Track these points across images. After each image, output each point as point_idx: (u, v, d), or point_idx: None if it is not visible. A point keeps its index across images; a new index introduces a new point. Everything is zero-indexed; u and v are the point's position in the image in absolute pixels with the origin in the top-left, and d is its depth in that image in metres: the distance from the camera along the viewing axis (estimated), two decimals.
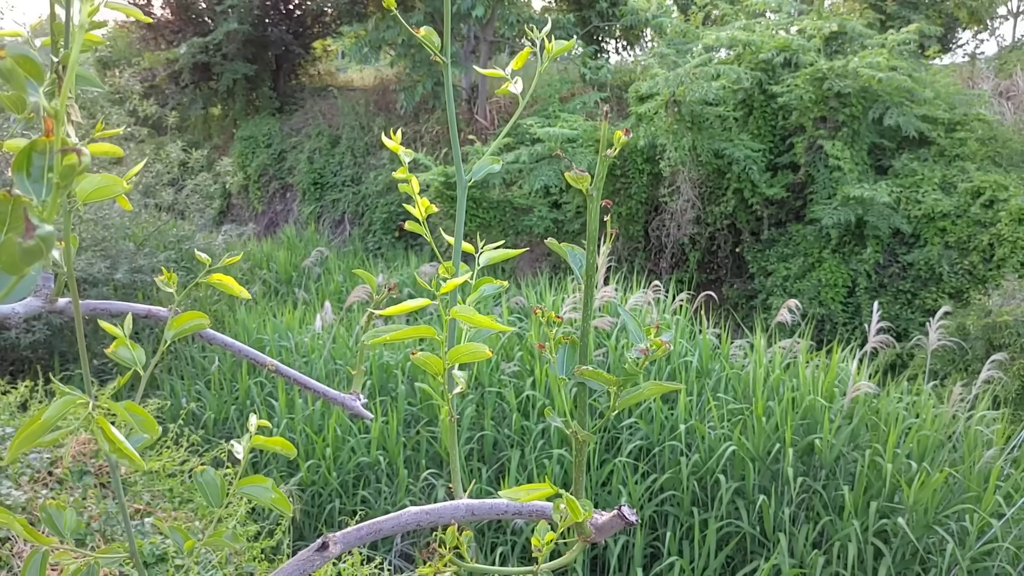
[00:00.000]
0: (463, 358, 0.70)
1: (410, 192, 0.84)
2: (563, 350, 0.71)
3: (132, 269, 7.61)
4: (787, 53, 10.02)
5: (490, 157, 0.86)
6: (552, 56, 0.81)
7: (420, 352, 0.70)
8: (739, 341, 6.07)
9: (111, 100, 9.63)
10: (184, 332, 0.76)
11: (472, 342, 0.78)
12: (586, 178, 0.63)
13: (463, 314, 0.70)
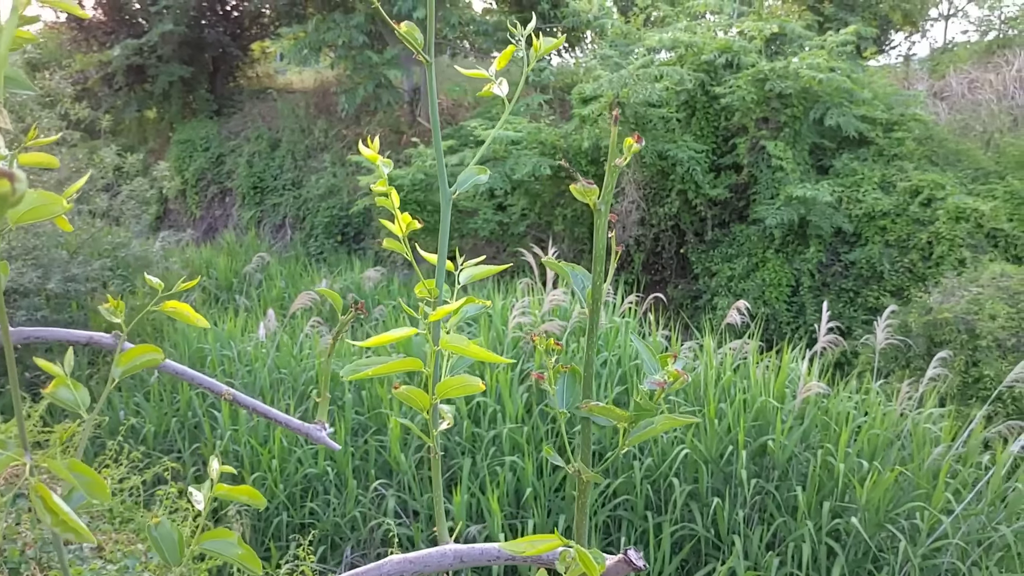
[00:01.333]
0: (453, 392, 0.63)
1: (389, 206, 0.77)
2: (563, 380, 0.64)
3: (66, 278, 7.36)
4: (728, 54, 10.09)
5: (476, 167, 0.79)
6: (542, 53, 0.75)
7: (404, 386, 0.63)
8: (689, 343, 6.07)
9: (41, 104, 9.32)
10: (135, 368, 0.68)
11: (456, 371, 0.71)
12: (594, 191, 0.56)
13: (456, 345, 0.63)
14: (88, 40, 15.52)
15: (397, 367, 0.63)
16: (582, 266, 2.63)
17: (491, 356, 0.64)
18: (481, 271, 0.82)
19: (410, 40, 0.72)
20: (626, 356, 5.66)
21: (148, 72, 14.74)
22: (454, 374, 0.76)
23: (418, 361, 0.64)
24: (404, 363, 0.63)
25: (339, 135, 13.76)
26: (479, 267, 0.82)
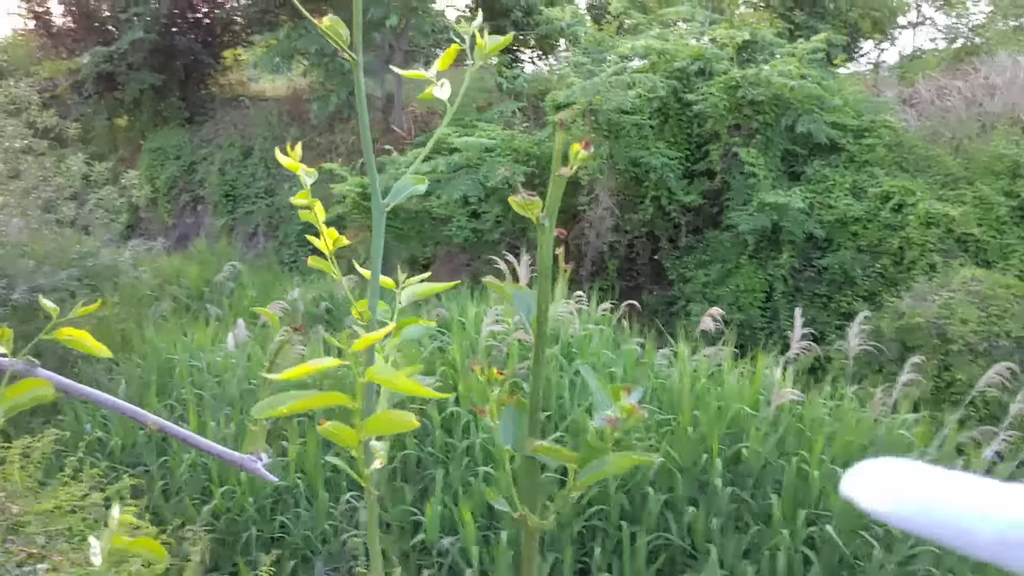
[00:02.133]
0: (383, 429, 0.57)
1: (313, 220, 0.71)
2: (509, 414, 0.58)
3: (31, 289, 7.21)
4: (701, 62, 10.09)
5: (412, 176, 0.74)
6: (487, 54, 0.69)
7: (329, 423, 0.56)
8: (663, 350, 6.03)
9: (6, 111, 9.16)
10: (23, 405, 0.61)
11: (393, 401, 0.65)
12: (536, 203, 0.51)
13: (382, 377, 0.57)
14: (57, 47, 15.33)
15: (318, 402, 0.57)
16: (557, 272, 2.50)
17: (421, 390, 0.58)
18: (425, 288, 0.76)
19: (333, 36, 0.66)
20: (600, 364, 5.61)
21: (118, 80, 14.56)
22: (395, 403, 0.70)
23: (342, 396, 0.58)
24: (326, 397, 0.57)
25: (312, 143, 13.65)
26: (423, 284, 0.76)
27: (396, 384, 0.57)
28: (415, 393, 0.58)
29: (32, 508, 3.11)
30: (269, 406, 0.57)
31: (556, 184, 0.52)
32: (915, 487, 0.35)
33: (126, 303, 9.23)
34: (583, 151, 0.51)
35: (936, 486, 0.34)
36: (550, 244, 0.53)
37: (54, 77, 15.07)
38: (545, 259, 0.52)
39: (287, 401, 0.57)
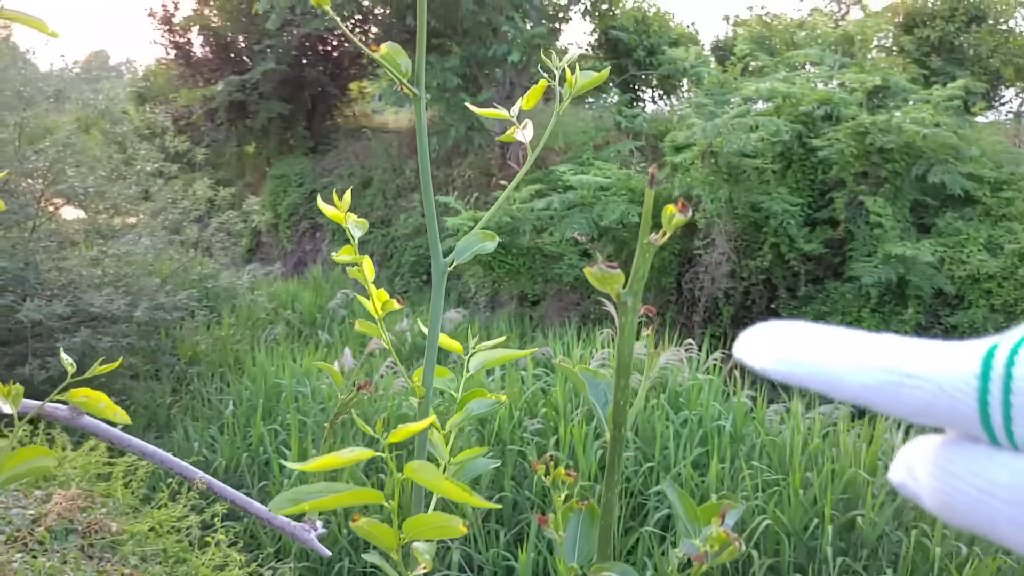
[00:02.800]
0: (426, 533, 0.48)
1: (361, 279, 0.63)
2: (575, 522, 0.48)
3: (153, 306, 7.46)
4: (828, 106, 9.79)
5: (482, 233, 0.65)
6: (576, 92, 0.60)
7: (364, 519, 0.48)
8: (775, 406, 5.78)
9: (141, 135, 9.59)
10: (20, 475, 0.54)
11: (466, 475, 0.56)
12: (617, 277, 0.41)
13: (422, 478, 0.48)
14: (195, 76, 16.04)
15: (349, 499, 0.49)
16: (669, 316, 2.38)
17: (468, 497, 0.49)
18: (499, 356, 0.67)
19: (390, 66, 0.59)
20: (707, 416, 5.40)
21: (249, 108, 15.11)
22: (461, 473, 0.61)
23: (376, 493, 0.49)
24: (358, 495, 0.48)
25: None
26: (495, 351, 0.67)
27: (438, 487, 0.48)
28: (461, 500, 0.49)
29: (128, 528, 3.14)
30: (291, 501, 0.49)
31: (643, 254, 0.42)
32: (796, 342, 0.35)
33: (242, 325, 9.48)
34: (679, 215, 0.42)
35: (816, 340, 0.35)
36: (633, 329, 0.43)
37: (190, 104, 15.75)
38: (626, 347, 0.42)
39: (313, 496, 0.49)
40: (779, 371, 0.35)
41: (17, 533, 2.80)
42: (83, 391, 0.60)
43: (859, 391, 0.34)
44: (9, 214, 7.21)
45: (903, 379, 0.33)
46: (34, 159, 7.38)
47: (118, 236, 8.05)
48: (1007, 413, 0.31)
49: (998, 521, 0.32)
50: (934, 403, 0.33)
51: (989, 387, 0.32)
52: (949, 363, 0.33)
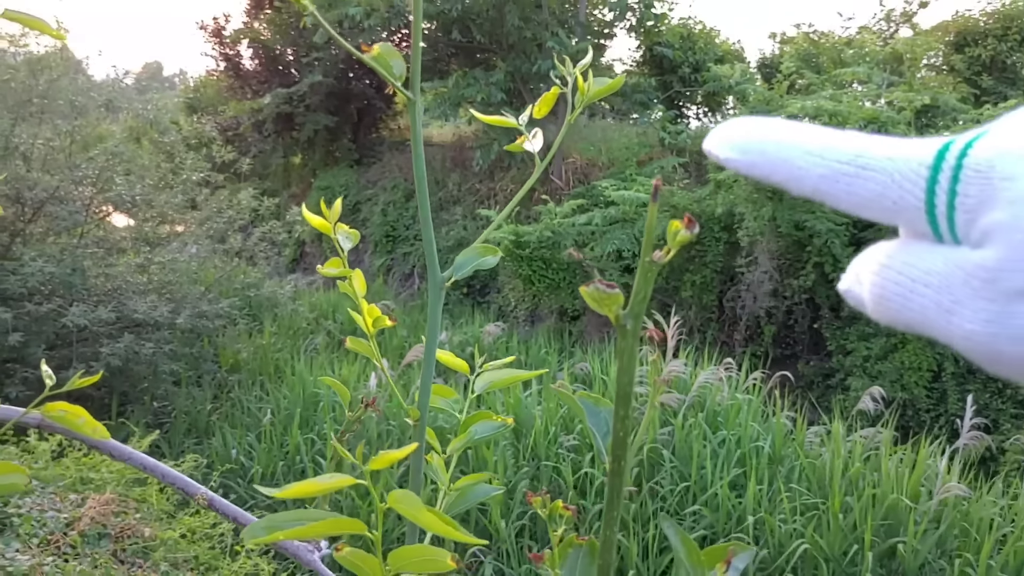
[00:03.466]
0: (410, 567, 0.45)
1: (350, 293, 0.61)
2: (574, 560, 0.46)
3: (196, 314, 7.54)
4: (875, 125, 9.64)
5: (482, 247, 0.63)
6: (589, 99, 0.58)
7: (348, 549, 0.45)
8: (815, 428, 5.68)
9: (189, 145, 9.72)
10: None
11: (462, 503, 0.53)
12: (615, 298, 0.38)
13: (403, 507, 0.45)
14: (243, 88, 16.25)
15: (329, 528, 0.46)
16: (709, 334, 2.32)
17: (444, 528, 0.46)
18: (506, 377, 0.64)
19: (382, 68, 0.56)
20: (746, 437, 5.32)
21: (296, 120, 15.28)
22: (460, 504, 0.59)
23: (357, 523, 0.46)
24: (336, 524, 0.46)
25: (472, 189, 13.88)
26: (503, 371, 0.64)
27: (421, 519, 0.45)
28: (443, 534, 0.46)
29: (160, 534, 3.16)
30: (265, 530, 0.47)
31: (644, 273, 0.39)
32: (759, 133, 0.35)
33: (283, 334, 9.55)
34: (684, 232, 0.39)
35: (779, 132, 0.35)
36: (633, 355, 0.40)
37: (238, 116, 15.95)
38: (627, 373, 0.39)
39: (289, 524, 0.46)
40: (742, 160, 0.35)
41: (51, 536, 2.82)
42: (60, 404, 0.58)
43: (816, 182, 0.34)
44: (58, 220, 7.34)
45: (858, 170, 0.33)
46: (84, 167, 7.50)
47: (164, 244, 8.15)
48: (951, 202, 0.32)
49: (928, 308, 0.33)
50: (884, 193, 0.33)
51: (939, 177, 0.32)
52: (903, 154, 0.33)
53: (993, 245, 0.31)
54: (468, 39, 12.74)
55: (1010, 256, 0.30)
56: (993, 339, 0.31)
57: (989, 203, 0.31)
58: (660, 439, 5.31)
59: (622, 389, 0.40)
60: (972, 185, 0.31)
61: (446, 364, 0.67)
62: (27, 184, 6.96)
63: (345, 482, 0.47)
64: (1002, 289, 0.30)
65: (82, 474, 3.71)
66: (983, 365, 0.32)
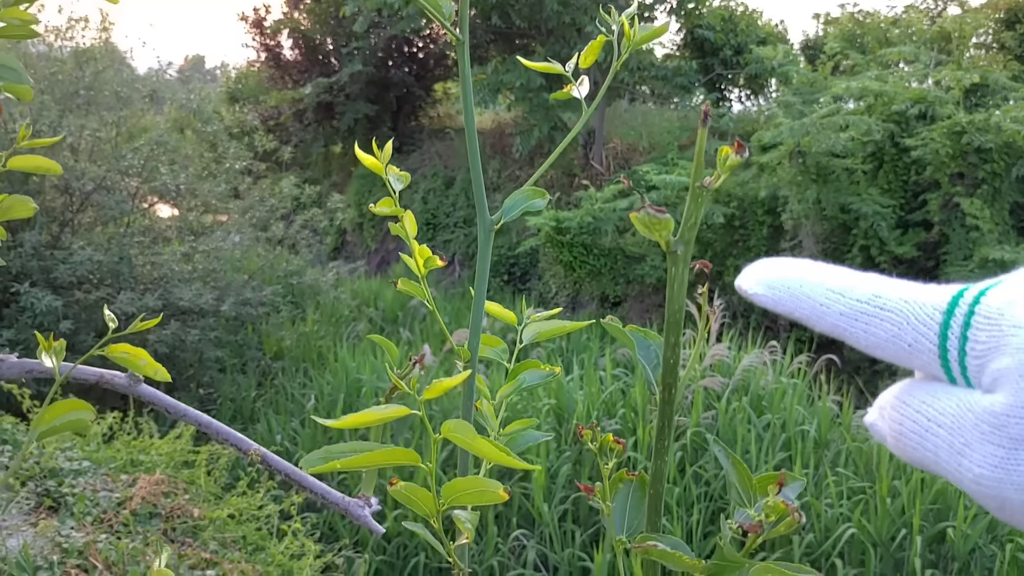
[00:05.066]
0: (463, 499, 0.46)
1: (402, 235, 0.61)
2: (624, 493, 0.46)
3: (239, 301, 7.63)
4: (922, 105, 9.47)
5: (530, 190, 0.63)
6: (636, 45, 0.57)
7: (402, 483, 0.46)
8: (862, 411, 5.60)
9: (231, 135, 9.82)
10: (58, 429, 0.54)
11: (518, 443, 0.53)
12: (666, 223, 0.38)
13: (458, 436, 0.45)
14: (284, 78, 16.38)
15: (381, 459, 0.47)
16: (753, 319, 2.31)
17: (506, 458, 0.46)
18: (553, 328, 0.64)
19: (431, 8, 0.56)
20: (791, 421, 5.27)
21: (336, 109, 15.36)
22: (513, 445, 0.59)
23: (411, 453, 0.47)
24: (390, 454, 0.46)
25: (512, 175, 13.87)
26: (550, 322, 0.64)
27: (476, 447, 0.46)
28: (499, 461, 0.47)
29: (209, 514, 3.21)
30: (322, 459, 0.47)
31: (695, 199, 0.39)
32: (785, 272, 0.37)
33: (325, 321, 9.64)
34: (734, 156, 0.38)
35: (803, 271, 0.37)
36: (683, 281, 0.40)
37: (279, 105, 16.09)
38: (676, 300, 0.39)
39: (344, 454, 0.47)
40: (768, 296, 0.37)
41: (103, 515, 2.88)
42: (123, 347, 0.59)
43: (837, 319, 0.35)
44: (105, 210, 7.46)
45: (876, 309, 0.35)
46: (130, 157, 7.62)
47: (208, 233, 8.26)
48: (963, 347, 0.33)
49: (940, 449, 0.33)
50: (899, 335, 0.34)
51: (951, 322, 0.33)
52: (920, 298, 0.35)
53: (1002, 391, 0.32)
54: (507, 25, 12.71)
55: (1017, 403, 0.31)
56: (999, 484, 0.32)
57: (998, 350, 0.32)
58: (704, 423, 5.28)
59: (672, 316, 0.40)
60: (982, 331, 0.32)
61: (494, 315, 0.67)
62: (75, 175, 7.08)
63: (400, 411, 0.48)
64: (1010, 435, 0.31)
65: (132, 456, 3.78)
66: (992, 511, 0.34)
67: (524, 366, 0.59)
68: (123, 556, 2.55)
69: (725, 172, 0.39)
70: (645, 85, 14.41)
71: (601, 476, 0.48)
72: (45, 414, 0.53)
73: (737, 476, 0.43)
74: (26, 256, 6.57)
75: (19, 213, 0.66)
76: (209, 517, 3.18)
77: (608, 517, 0.46)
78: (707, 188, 0.39)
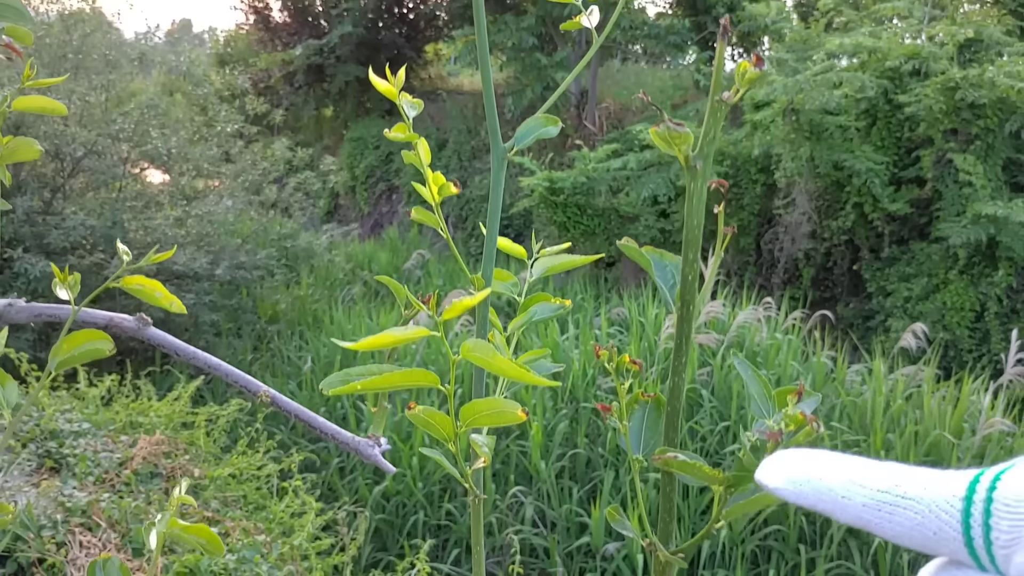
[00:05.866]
0: (482, 420, 0.46)
1: (415, 162, 0.61)
2: (640, 414, 0.46)
3: (234, 266, 7.62)
4: (916, 61, 9.42)
5: (544, 117, 0.62)
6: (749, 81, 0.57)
7: (420, 407, 0.46)
8: (856, 366, 5.64)
9: (221, 98, 9.74)
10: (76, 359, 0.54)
11: (513, 389, 0.54)
12: (685, 137, 0.38)
13: (477, 355, 0.46)
14: (273, 40, 16.22)
15: (401, 380, 0.47)
16: (747, 277, 2.32)
17: (525, 375, 0.47)
18: (563, 261, 0.64)
19: None
20: (786, 376, 5.31)
21: (326, 71, 15.23)
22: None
23: (430, 375, 0.47)
24: (409, 375, 0.47)
25: (505, 136, 13.73)
26: (560, 256, 0.64)
27: (495, 365, 0.46)
28: (518, 378, 0.47)
29: (210, 473, 3.23)
30: (341, 381, 0.48)
31: (714, 113, 0.39)
32: (806, 465, 0.37)
33: (320, 285, 9.64)
34: (752, 69, 0.38)
35: (824, 464, 0.37)
36: (702, 196, 0.40)
37: (269, 68, 15.94)
38: (695, 216, 0.40)
39: (363, 376, 0.47)
40: (790, 490, 0.37)
41: (105, 475, 2.90)
42: (138, 279, 0.59)
43: (860, 511, 0.35)
44: (97, 175, 7.42)
45: (898, 499, 0.35)
46: (120, 121, 7.55)
47: (200, 197, 8.22)
48: (987, 536, 0.32)
49: None
50: (924, 524, 0.34)
51: (972, 510, 0.33)
52: (938, 486, 0.34)
53: None
54: None
55: None
56: None
57: (1020, 541, 0.31)
58: (699, 379, 5.32)
59: (690, 232, 0.40)
60: (1004, 520, 0.32)
61: (504, 250, 0.67)
62: (65, 140, 7.03)
63: (421, 332, 0.48)
64: None
65: (131, 418, 3.79)
66: None
67: (534, 299, 0.60)
68: (126, 514, 2.57)
69: (744, 86, 0.39)
70: (637, 44, 14.31)
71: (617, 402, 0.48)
72: (63, 343, 0.53)
73: (758, 389, 0.43)
74: (18, 222, 6.54)
75: (24, 156, 0.66)
76: (210, 476, 3.20)
77: (625, 437, 0.47)
78: (726, 102, 0.39)
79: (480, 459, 0.51)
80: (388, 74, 0.59)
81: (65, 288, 0.56)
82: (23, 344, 5.80)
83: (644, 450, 0.48)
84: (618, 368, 0.48)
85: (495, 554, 4.90)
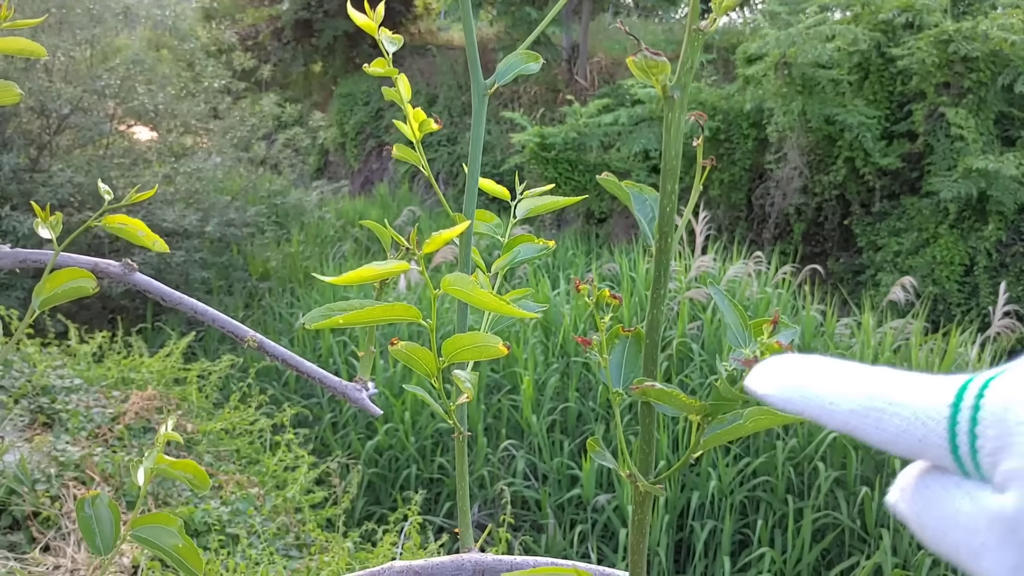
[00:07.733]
0: (463, 355, 0.47)
1: (396, 99, 0.61)
2: (620, 349, 0.47)
3: (224, 222, 7.60)
4: (909, 13, 9.35)
5: (525, 53, 0.62)
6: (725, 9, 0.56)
7: (402, 343, 0.46)
8: (845, 319, 5.68)
9: (207, 53, 9.63)
10: (60, 297, 0.54)
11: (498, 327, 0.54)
12: (662, 66, 0.38)
13: (457, 288, 0.46)
14: None
15: (381, 314, 0.47)
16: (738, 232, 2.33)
17: (506, 308, 0.47)
18: (547, 202, 0.64)
19: None
20: None
21: (315, 27, 15.05)
22: None
23: (411, 308, 0.47)
24: (391, 309, 0.47)
25: (496, 92, 13.66)
26: (544, 197, 0.64)
27: (476, 299, 0.46)
28: (499, 311, 0.48)
29: (202, 427, 3.25)
30: (322, 315, 0.48)
31: (691, 42, 0.39)
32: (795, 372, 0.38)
33: (310, 242, 9.62)
34: None
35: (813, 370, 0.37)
36: (679, 127, 0.40)
37: (256, 24, 15.74)
38: (673, 147, 0.40)
39: (343, 311, 0.48)
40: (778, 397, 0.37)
41: (98, 430, 2.91)
42: (120, 217, 0.59)
43: (847, 416, 0.35)
44: (84, 131, 7.35)
45: (885, 406, 0.34)
46: (106, 77, 7.47)
47: (188, 154, 8.16)
48: (972, 444, 0.33)
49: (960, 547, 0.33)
50: (909, 431, 0.34)
51: (958, 417, 0.33)
52: (926, 393, 0.34)
53: (1011, 492, 0.31)
54: None
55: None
56: None
57: (1006, 449, 0.31)
58: (689, 334, 5.34)
59: (668, 163, 0.40)
60: (990, 428, 0.32)
61: (487, 191, 0.67)
62: (51, 96, 6.96)
63: (401, 266, 0.48)
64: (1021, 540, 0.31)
65: (123, 374, 3.80)
66: None
67: (518, 240, 0.60)
68: (119, 468, 2.58)
69: (720, 13, 0.39)
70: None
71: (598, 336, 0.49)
72: (46, 283, 0.53)
73: (734, 318, 0.44)
74: (5, 179, 6.50)
75: (5, 99, 0.65)
76: (202, 431, 3.22)
77: (605, 370, 0.47)
78: (703, 31, 0.39)
79: (463, 395, 0.51)
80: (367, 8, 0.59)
81: (47, 227, 0.56)
82: (13, 302, 5.79)
83: (624, 384, 0.48)
84: (598, 302, 0.48)
85: (487, 506, 4.96)
